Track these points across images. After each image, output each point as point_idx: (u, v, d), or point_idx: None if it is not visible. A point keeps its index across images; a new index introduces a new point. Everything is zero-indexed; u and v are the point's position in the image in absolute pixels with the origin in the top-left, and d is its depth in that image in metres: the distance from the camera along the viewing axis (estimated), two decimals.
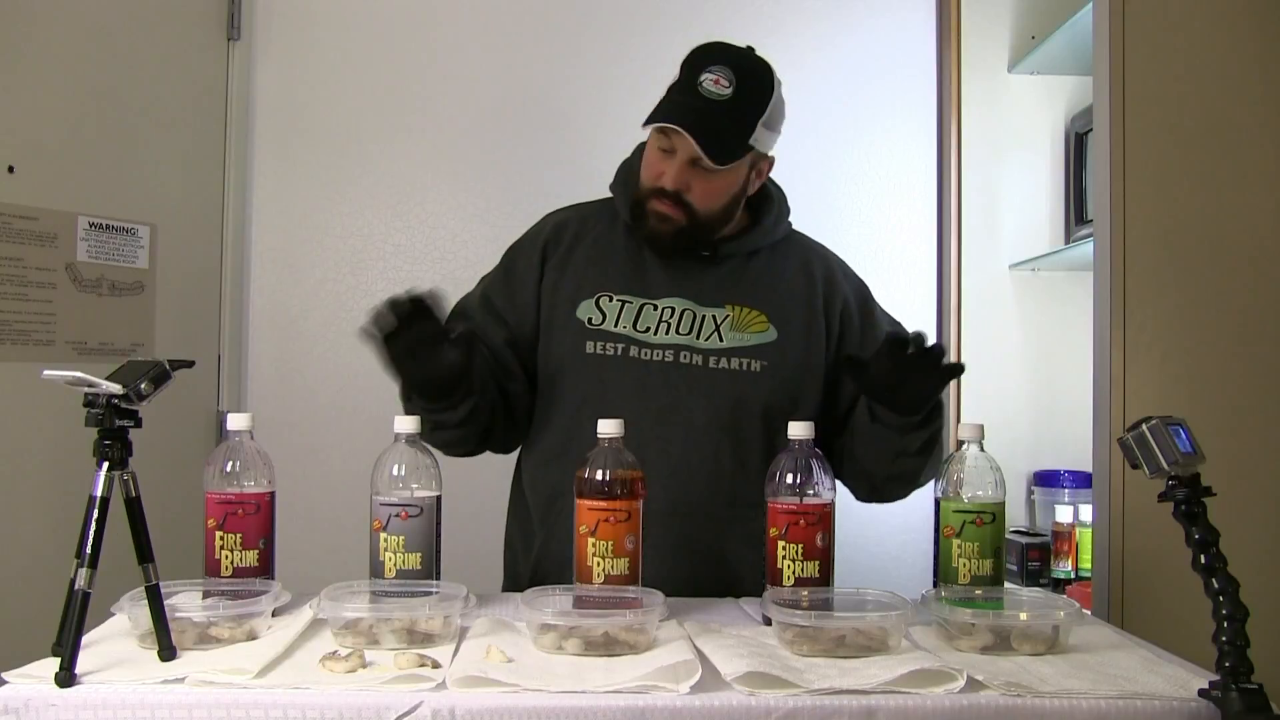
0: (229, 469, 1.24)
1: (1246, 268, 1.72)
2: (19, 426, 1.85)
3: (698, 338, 1.55)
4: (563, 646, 1.09)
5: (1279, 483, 1.68)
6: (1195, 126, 1.73)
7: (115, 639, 1.12)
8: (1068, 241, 2.36)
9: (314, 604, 1.19)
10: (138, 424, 1.06)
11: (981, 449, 1.26)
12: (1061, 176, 2.41)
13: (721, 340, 1.55)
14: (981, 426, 1.27)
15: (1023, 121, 2.43)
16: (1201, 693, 0.98)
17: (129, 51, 2.08)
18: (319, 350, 2.37)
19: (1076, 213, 2.35)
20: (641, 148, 1.61)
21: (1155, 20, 1.73)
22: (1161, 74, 1.73)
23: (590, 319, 1.56)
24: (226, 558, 1.22)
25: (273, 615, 1.18)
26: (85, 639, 1.04)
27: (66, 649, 0.97)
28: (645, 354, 1.55)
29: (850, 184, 2.40)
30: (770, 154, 1.60)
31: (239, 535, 1.23)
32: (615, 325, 1.56)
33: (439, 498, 1.26)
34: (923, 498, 1.44)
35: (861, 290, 1.69)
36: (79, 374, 1.02)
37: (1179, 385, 1.70)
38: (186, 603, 1.15)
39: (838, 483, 1.38)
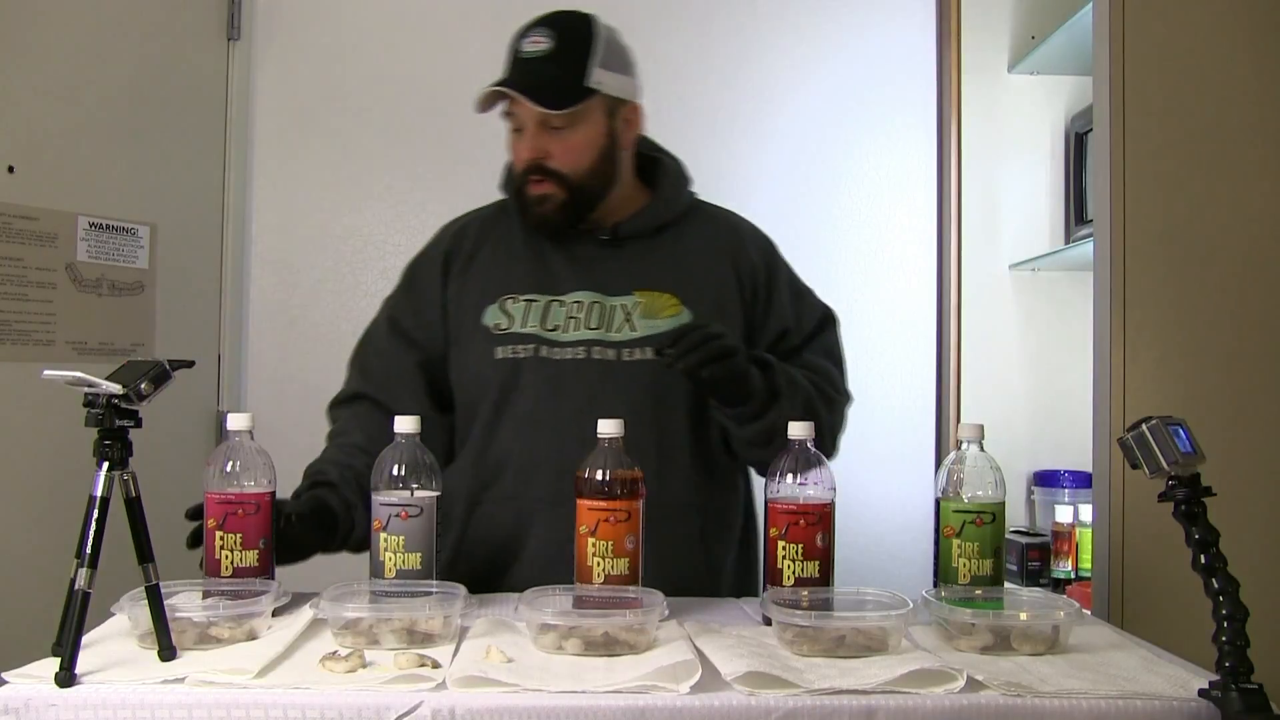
0: (229, 469, 1.24)
1: (1246, 268, 1.72)
2: (19, 426, 1.85)
3: (609, 330, 1.52)
4: (563, 646, 1.09)
5: (1279, 483, 1.68)
6: (1195, 126, 1.73)
7: (115, 639, 1.12)
8: (1068, 241, 2.36)
9: (314, 604, 1.19)
10: (138, 424, 1.06)
11: (981, 449, 1.26)
12: (1061, 176, 2.41)
13: (634, 330, 1.51)
14: (981, 426, 1.27)
15: (1023, 121, 2.43)
16: (1201, 693, 0.98)
17: (129, 51, 2.08)
18: (319, 350, 2.37)
19: (1076, 213, 2.35)
20: None
21: (1155, 20, 1.73)
22: (1161, 74, 1.73)
23: (497, 324, 1.54)
24: (226, 558, 1.22)
25: (273, 615, 1.18)
26: (85, 639, 1.04)
27: (66, 649, 0.97)
28: (556, 353, 1.51)
29: (850, 184, 2.40)
30: (634, 101, 1.57)
31: (239, 535, 1.23)
32: (523, 326, 1.53)
33: (439, 498, 1.26)
34: (923, 498, 1.44)
35: (769, 255, 1.65)
36: (79, 374, 1.02)
37: (1179, 385, 1.70)
38: (186, 603, 1.15)
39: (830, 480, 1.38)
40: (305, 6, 2.37)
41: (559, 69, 1.48)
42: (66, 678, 0.96)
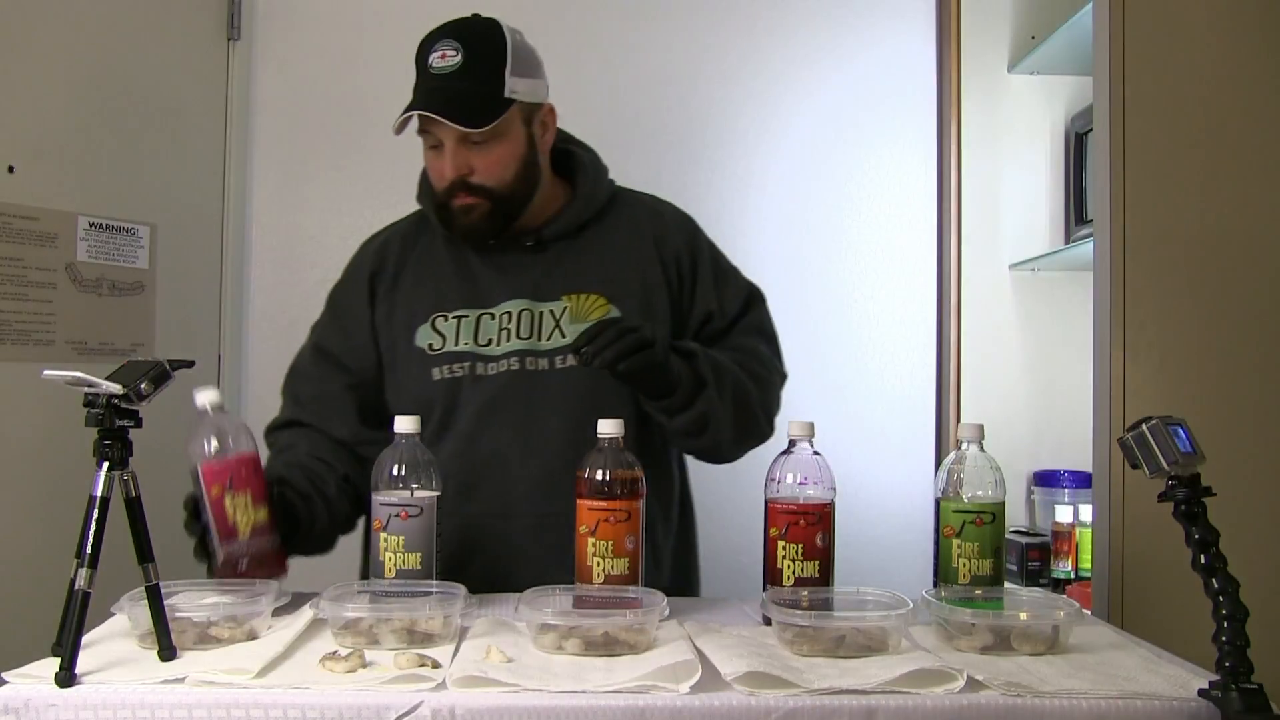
0: (216, 441, 1.25)
1: (1246, 268, 1.72)
2: (19, 426, 1.85)
3: (540, 339, 1.50)
4: (563, 646, 1.09)
5: (1279, 483, 1.68)
6: (1195, 126, 1.72)
7: (115, 639, 1.12)
8: (1068, 241, 2.36)
9: (314, 604, 1.19)
10: (138, 424, 1.06)
11: (981, 449, 1.26)
12: (1061, 176, 2.41)
13: (564, 336, 1.49)
14: (981, 426, 1.27)
15: (1023, 121, 2.43)
16: (1201, 693, 0.98)
17: (129, 51, 2.08)
18: None
19: (1076, 213, 2.35)
20: None
21: (1155, 20, 1.73)
22: (1161, 74, 1.73)
23: (431, 344, 1.52)
24: (243, 519, 1.24)
25: (273, 615, 1.18)
26: (85, 639, 1.04)
27: (66, 649, 0.97)
28: (490, 368, 1.50)
29: (850, 184, 2.40)
30: (546, 102, 1.55)
31: (248, 494, 1.24)
32: (456, 344, 1.51)
33: (439, 497, 1.27)
34: (923, 498, 1.44)
35: (692, 238, 1.63)
36: (79, 374, 1.02)
37: (1179, 385, 1.70)
38: (186, 603, 1.15)
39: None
40: (305, 6, 2.37)
41: (474, 83, 1.45)
42: (66, 678, 0.96)
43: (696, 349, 1.47)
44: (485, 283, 1.54)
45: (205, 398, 1.26)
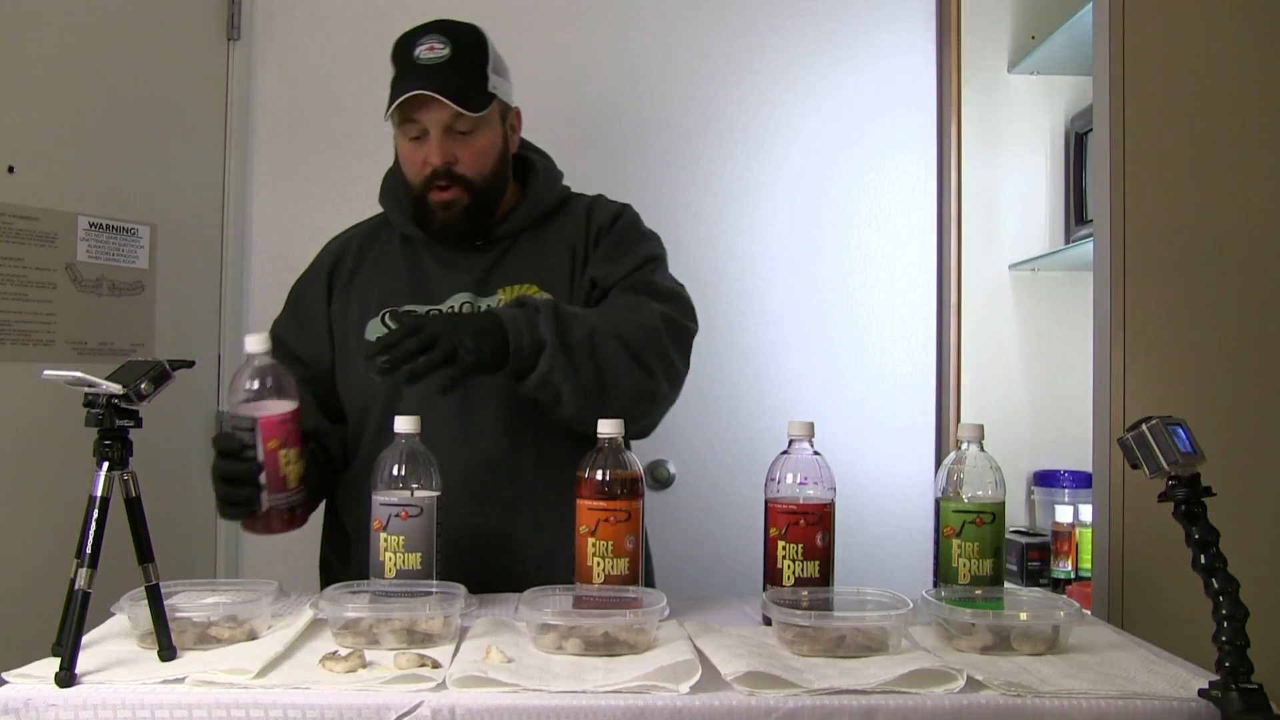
0: (270, 385, 1.30)
1: (1246, 268, 1.72)
2: (19, 426, 1.85)
3: None
4: (563, 646, 1.09)
5: (1279, 483, 1.68)
6: (1195, 126, 1.72)
7: (115, 639, 1.12)
8: (1068, 241, 2.36)
9: (314, 604, 1.19)
10: (138, 424, 1.06)
11: (981, 449, 1.26)
12: (1061, 176, 2.41)
13: None
14: (981, 426, 1.27)
15: (1023, 121, 2.43)
16: (1201, 693, 0.98)
17: (129, 51, 2.08)
18: None
19: (1076, 213, 2.35)
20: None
21: (1155, 20, 1.73)
22: (1161, 74, 1.73)
23: (379, 338, 1.52)
24: (292, 472, 1.31)
25: (273, 615, 1.18)
26: (85, 639, 1.04)
27: (66, 649, 0.97)
28: None
29: (850, 184, 2.40)
30: (515, 105, 1.61)
31: (294, 449, 1.31)
32: None
33: (439, 498, 1.27)
34: (923, 498, 1.44)
35: (615, 219, 1.62)
36: (79, 374, 1.02)
37: (1178, 385, 1.70)
38: (186, 603, 1.15)
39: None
40: (305, 6, 2.37)
41: (463, 74, 1.50)
42: (66, 678, 0.97)
43: (539, 305, 1.41)
44: (434, 279, 1.58)
45: (256, 343, 1.30)
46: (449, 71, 1.49)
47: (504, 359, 1.36)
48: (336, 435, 1.60)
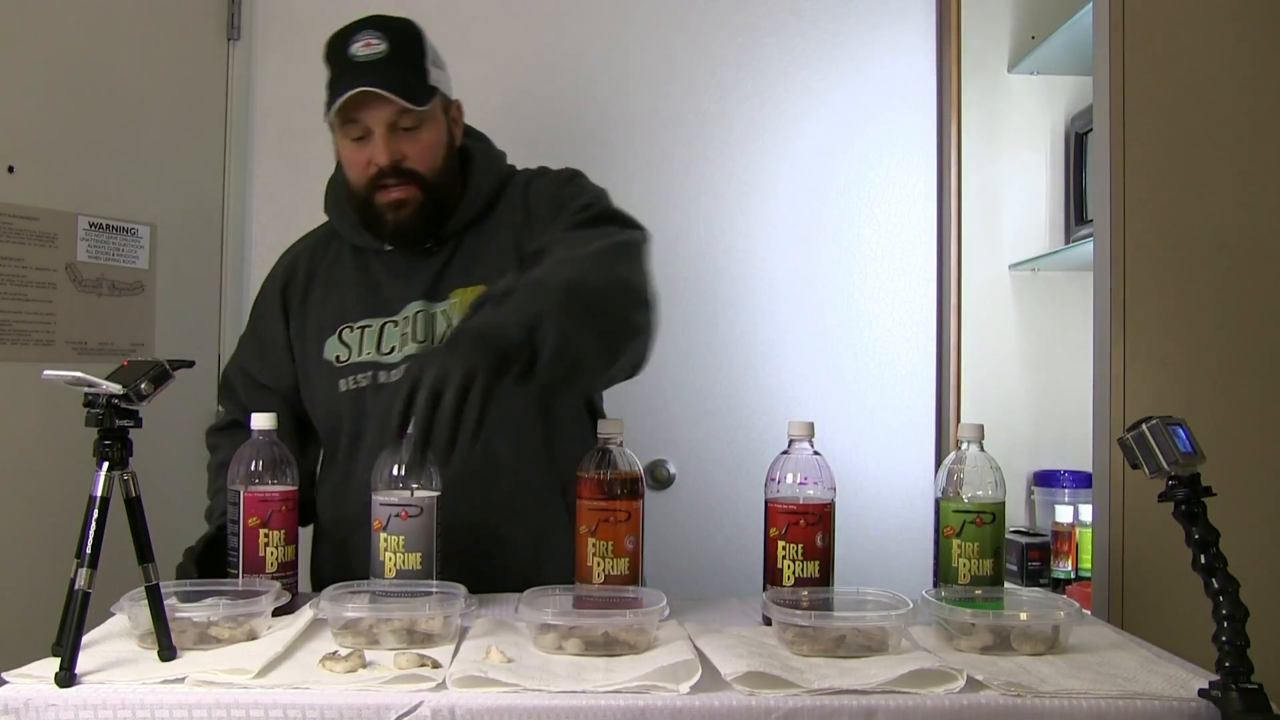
0: (259, 467, 1.27)
1: (1246, 268, 1.72)
2: (19, 426, 1.85)
3: (434, 341, 1.47)
4: (563, 646, 1.09)
5: (1279, 483, 1.68)
6: (1195, 126, 1.72)
7: (115, 639, 1.12)
8: (1068, 241, 2.36)
9: (314, 604, 1.19)
10: (138, 424, 1.06)
11: (981, 449, 1.26)
12: (1061, 176, 2.41)
13: None
14: (981, 426, 1.27)
15: (1023, 121, 2.43)
16: (1201, 693, 0.98)
17: (129, 51, 2.08)
18: None
19: (1076, 213, 2.35)
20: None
21: (1155, 20, 1.73)
22: (1161, 74, 1.73)
23: (338, 356, 1.52)
24: (271, 555, 1.26)
25: (273, 615, 1.18)
26: (85, 639, 1.04)
27: (66, 649, 0.97)
28: (390, 376, 1.48)
29: (850, 184, 2.40)
30: (454, 98, 1.56)
31: (282, 531, 1.26)
32: (360, 355, 1.51)
33: (439, 498, 1.27)
34: (923, 497, 1.44)
35: (558, 191, 1.54)
36: (79, 374, 1.02)
37: (1179, 385, 1.70)
38: (186, 603, 1.15)
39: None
40: (305, 6, 2.37)
41: (403, 65, 1.45)
42: (66, 678, 0.97)
43: (508, 289, 1.21)
44: (388, 289, 1.53)
45: (262, 421, 1.29)
46: (388, 67, 1.44)
47: (507, 362, 1.13)
48: (314, 450, 1.60)
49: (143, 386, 1.05)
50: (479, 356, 1.09)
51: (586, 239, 1.35)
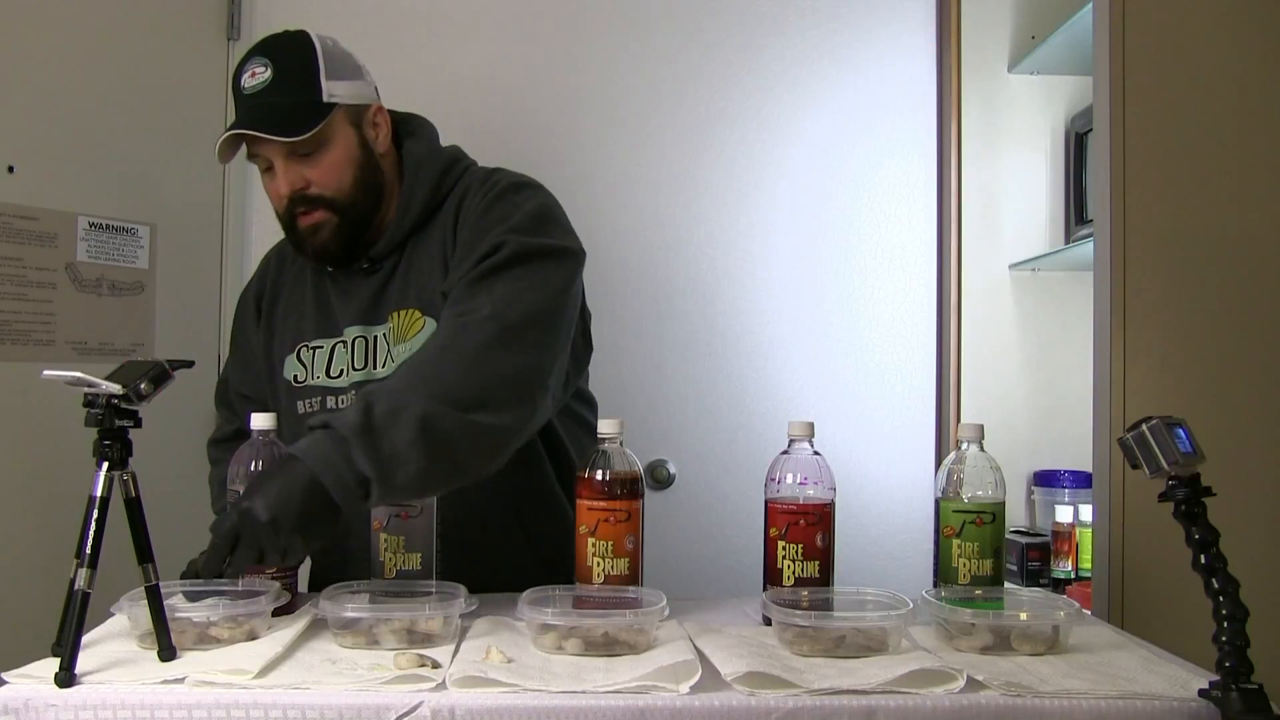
0: (255, 469, 1.26)
1: (1246, 268, 1.72)
2: (19, 426, 1.85)
3: (374, 366, 1.45)
4: (563, 646, 1.09)
5: (1279, 483, 1.68)
6: (1195, 126, 1.72)
7: (115, 639, 1.12)
8: (1068, 241, 2.36)
9: (314, 604, 1.19)
10: (138, 424, 1.06)
11: (981, 449, 1.26)
12: (1061, 176, 2.41)
13: (394, 360, 1.43)
14: (981, 426, 1.27)
15: (1023, 121, 2.43)
16: (1201, 693, 0.98)
17: (129, 51, 2.08)
18: None
19: (1076, 213, 2.35)
20: None
21: (1155, 20, 1.73)
22: (1161, 74, 1.73)
23: (296, 376, 1.51)
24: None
25: (273, 615, 1.18)
26: (85, 639, 1.04)
27: (66, 649, 0.97)
28: (339, 401, 1.47)
29: (850, 184, 2.40)
30: (374, 103, 1.51)
31: None
32: (312, 378, 1.50)
33: (439, 498, 1.26)
34: (923, 498, 1.44)
35: (478, 202, 1.46)
36: (79, 374, 1.02)
37: (1179, 385, 1.70)
38: (186, 603, 1.15)
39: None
40: (305, 6, 2.37)
41: (286, 95, 1.42)
42: (66, 678, 0.97)
43: (346, 427, 1.17)
44: (337, 310, 1.51)
45: (262, 421, 1.28)
46: (270, 96, 1.41)
47: (334, 509, 1.13)
48: None
49: (142, 387, 1.05)
50: (297, 537, 1.12)
51: (468, 323, 1.29)
